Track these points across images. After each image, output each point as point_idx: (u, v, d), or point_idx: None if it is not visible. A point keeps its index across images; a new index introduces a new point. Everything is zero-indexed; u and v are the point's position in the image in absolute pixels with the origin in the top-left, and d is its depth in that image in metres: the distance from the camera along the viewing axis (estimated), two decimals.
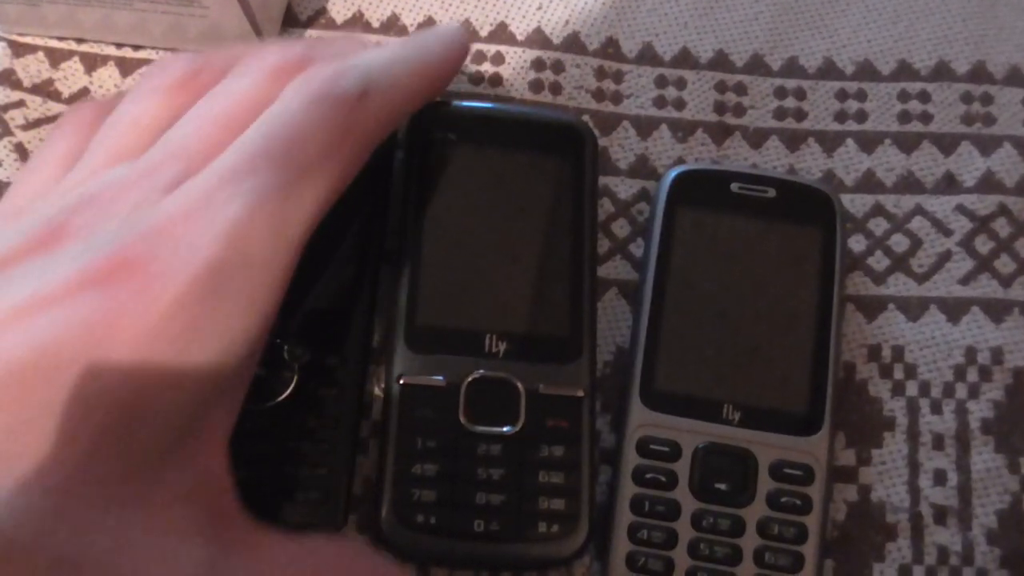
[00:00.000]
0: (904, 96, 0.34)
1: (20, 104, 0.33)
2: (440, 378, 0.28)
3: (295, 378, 0.28)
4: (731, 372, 0.29)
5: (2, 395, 0.18)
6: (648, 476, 0.28)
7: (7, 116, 0.32)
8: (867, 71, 0.34)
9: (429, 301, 0.29)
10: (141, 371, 0.19)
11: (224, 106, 0.23)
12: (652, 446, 0.28)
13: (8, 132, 0.32)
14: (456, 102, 0.31)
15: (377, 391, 0.30)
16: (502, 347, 0.29)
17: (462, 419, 0.28)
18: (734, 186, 0.31)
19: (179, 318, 0.19)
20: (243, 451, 0.23)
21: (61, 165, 0.24)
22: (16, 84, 0.33)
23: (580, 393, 0.28)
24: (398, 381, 0.28)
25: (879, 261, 0.32)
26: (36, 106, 0.33)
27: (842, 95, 0.34)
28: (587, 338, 0.29)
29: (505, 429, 0.28)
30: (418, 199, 0.30)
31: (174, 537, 0.20)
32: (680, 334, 0.29)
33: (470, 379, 0.28)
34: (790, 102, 0.34)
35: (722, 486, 0.28)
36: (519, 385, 0.28)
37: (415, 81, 0.25)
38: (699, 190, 0.31)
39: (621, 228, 0.32)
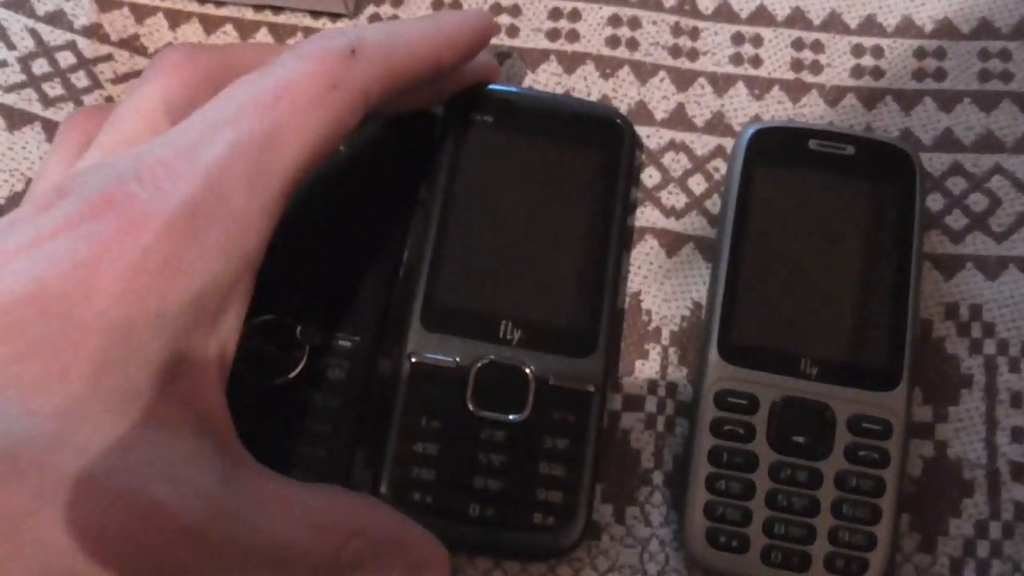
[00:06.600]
0: (984, 55, 0.33)
1: (108, 58, 0.34)
2: (451, 359, 0.28)
3: (304, 358, 0.28)
4: (809, 327, 0.29)
5: (3, 326, 0.19)
6: (726, 428, 0.28)
7: (96, 70, 0.33)
8: (946, 29, 0.34)
9: (448, 281, 0.29)
10: (126, 303, 0.20)
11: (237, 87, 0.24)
12: (730, 399, 0.29)
13: (98, 85, 0.33)
14: (495, 87, 0.31)
15: (386, 367, 0.30)
16: (516, 335, 0.29)
17: (469, 403, 0.28)
18: (812, 143, 0.31)
19: (159, 253, 0.20)
20: (249, 428, 0.23)
21: (74, 156, 0.25)
22: (104, 38, 0.34)
23: (591, 388, 0.28)
24: (408, 358, 0.28)
25: (957, 220, 0.32)
26: (124, 60, 0.33)
27: (920, 53, 0.34)
28: (604, 333, 0.29)
29: (511, 417, 0.28)
30: (448, 180, 0.30)
31: (184, 463, 0.21)
32: (758, 289, 0.30)
33: (481, 363, 0.28)
34: (867, 60, 0.34)
35: (800, 439, 0.28)
36: (529, 374, 0.28)
37: (416, 44, 0.26)
38: (777, 147, 0.31)
39: (698, 184, 0.33)
